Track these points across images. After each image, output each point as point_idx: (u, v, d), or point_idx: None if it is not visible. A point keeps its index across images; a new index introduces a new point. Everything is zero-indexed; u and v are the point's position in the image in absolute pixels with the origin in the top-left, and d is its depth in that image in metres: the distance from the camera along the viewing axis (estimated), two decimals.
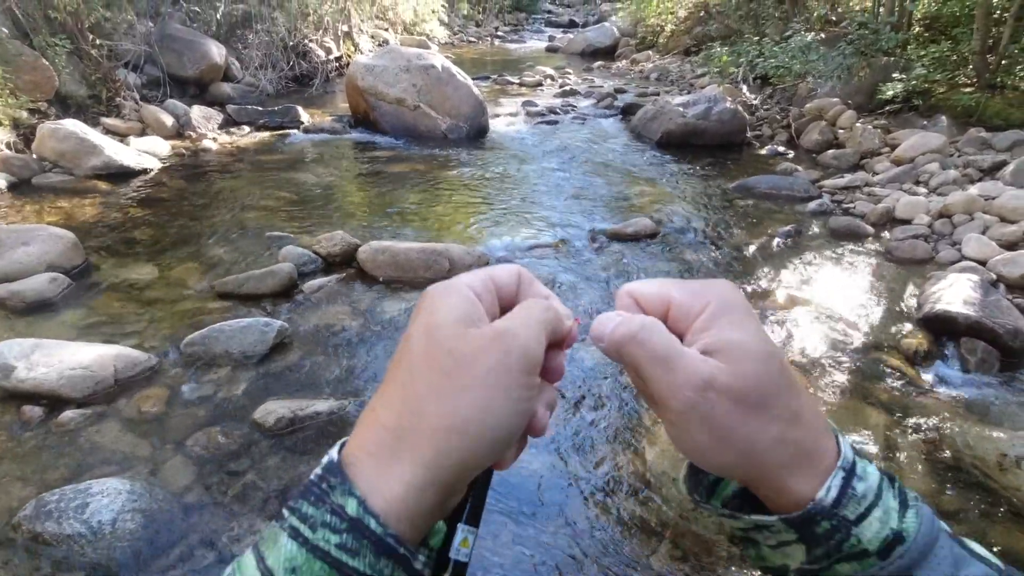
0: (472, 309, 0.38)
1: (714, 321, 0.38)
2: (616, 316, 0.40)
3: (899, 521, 0.36)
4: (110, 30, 7.12)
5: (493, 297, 0.41)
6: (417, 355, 0.37)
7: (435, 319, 0.37)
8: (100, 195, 5.12)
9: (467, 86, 7.41)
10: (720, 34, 11.67)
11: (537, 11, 26.38)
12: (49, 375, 2.69)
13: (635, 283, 0.43)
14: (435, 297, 0.39)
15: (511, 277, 0.43)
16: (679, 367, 0.36)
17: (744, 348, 0.37)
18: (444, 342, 0.36)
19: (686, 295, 0.40)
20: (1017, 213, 4.31)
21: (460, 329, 0.37)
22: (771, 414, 0.36)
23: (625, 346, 0.38)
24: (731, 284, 0.41)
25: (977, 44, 6.31)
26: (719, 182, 5.90)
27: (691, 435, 0.37)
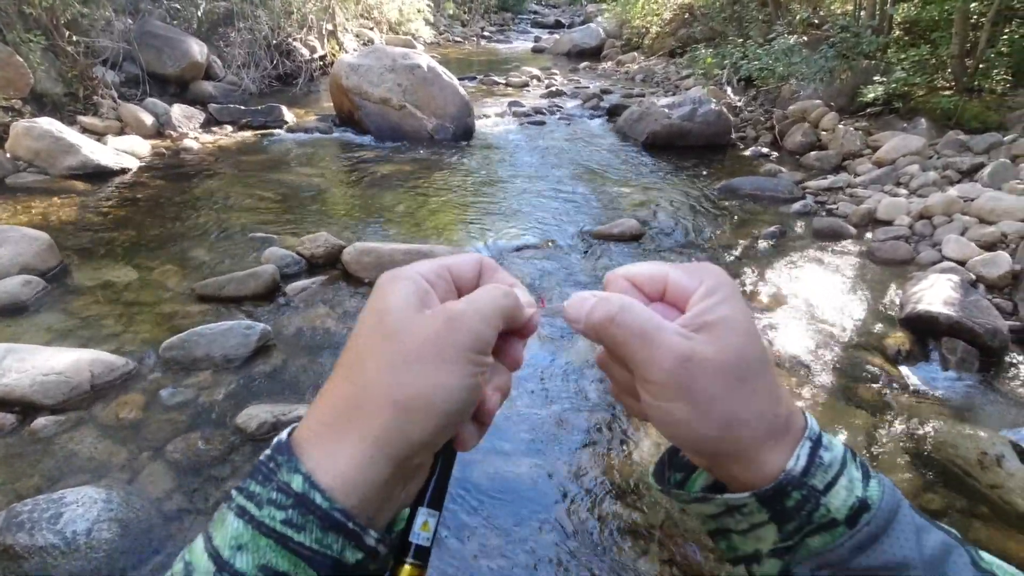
0: (423, 295, 0.39)
1: (708, 297, 0.39)
2: (591, 296, 0.41)
3: (864, 489, 0.37)
4: (87, 26, 6.97)
5: (449, 285, 0.41)
6: (366, 336, 0.38)
7: (385, 304, 0.38)
8: (77, 195, 5.01)
9: (453, 86, 7.37)
10: (704, 36, 11.75)
11: (523, 11, 26.39)
12: (21, 381, 2.61)
13: (629, 266, 0.44)
14: (386, 284, 0.39)
15: (470, 266, 0.43)
16: (659, 340, 0.37)
17: (731, 322, 0.38)
18: (393, 324, 0.37)
19: (683, 274, 0.42)
20: (995, 214, 4.38)
21: (410, 312, 0.37)
22: (753, 387, 0.37)
23: (605, 328, 0.39)
24: (718, 267, 0.42)
25: (955, 48, 6.42)
26: (704, 183, 5.93)
27: (671, 407, 0.38)
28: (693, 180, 6.05)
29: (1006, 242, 4.15)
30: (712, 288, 0.40)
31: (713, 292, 0.40)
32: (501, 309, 0.40)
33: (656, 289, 0.42)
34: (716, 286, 0.40)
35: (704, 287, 0.40)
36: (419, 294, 0.38)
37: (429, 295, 0.39)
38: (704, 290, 0.40)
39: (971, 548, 0.38)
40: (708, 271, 0.41)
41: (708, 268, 0.42)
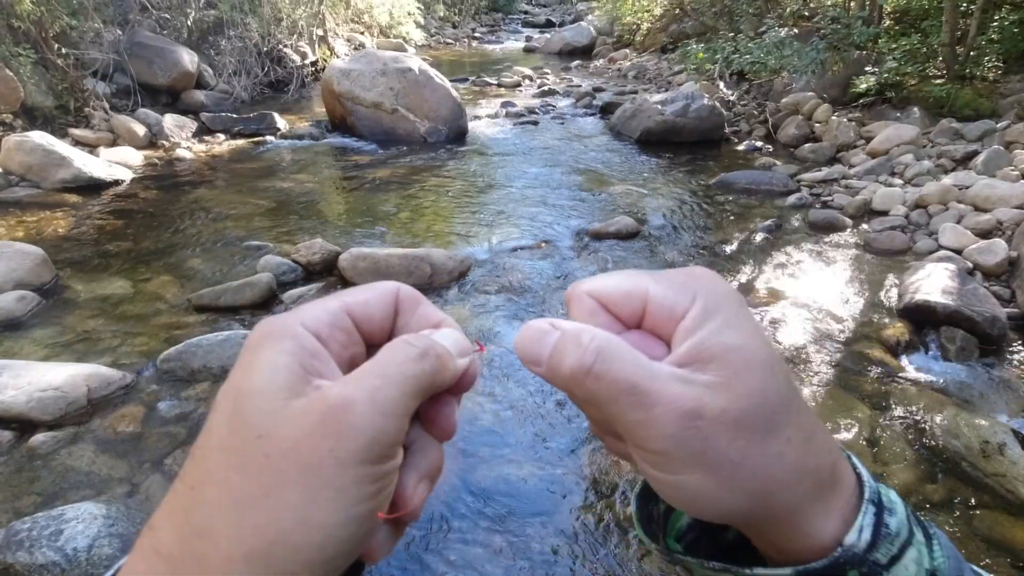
0: (307, 363, 0.29)
1: (704, 321, 0.29)
2: (550, 328, 0.31)
3: (931, 558, 0.30)
4: (76, 39, 6.95)
5: (351, 337, 0.32)
6: (215, 443, 0.27)
7: (245, 384, 0.28)
8: (70, 209, 4.99)
9: (445, 88, 7.36)
10: (696, 31, 11.75)
11: (513, 11, 26.38)
12: (18, 398, 2.60)
13: (595, 280, 0.33)
14: (254, 347, 0.29)
15: (382, 303, 0.33)
16: (656, 396, 0.28)
17: (743, 354, 0.29)
18: (254, 422, 0.27)
19: (667, 290, 0.31)
20: (990, 202, 4.38)
21: (279, 401, 0.27)
22: (783, 437, 0.29)
23: (579, 383, 0.29)
24: (715, 273, 0.32)
25: (946, 36, 6.43)
26: (699, 178, 5.93)
27: (683, 480, 0.29)
28: (688, 176, 6.05)
29: (1002, 229, 4.15)
30: (710, 307, 0.30)
31: (712, 312, 0.30)
32: (414, 381, 0.29)
33: (632, 310, 0.32)
34: (715, 303, 0.30)
35: (699, 305, 0.30)
36: (300, 363, 0.28)
37: (320, 359, 0.29)
38: (699, 310, 0.30)
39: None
40: (701, 282, 0.31)
41: (700, 277, 0.31)
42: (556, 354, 0.30)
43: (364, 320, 0.32)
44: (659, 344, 0.31)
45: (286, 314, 0.31)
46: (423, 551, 2.09)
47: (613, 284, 0.32)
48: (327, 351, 0.30)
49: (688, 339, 0.29)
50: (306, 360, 0.29)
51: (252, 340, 0.30)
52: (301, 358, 0.29)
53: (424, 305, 0.35)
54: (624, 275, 0.33)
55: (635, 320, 0.32)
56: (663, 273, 0.32)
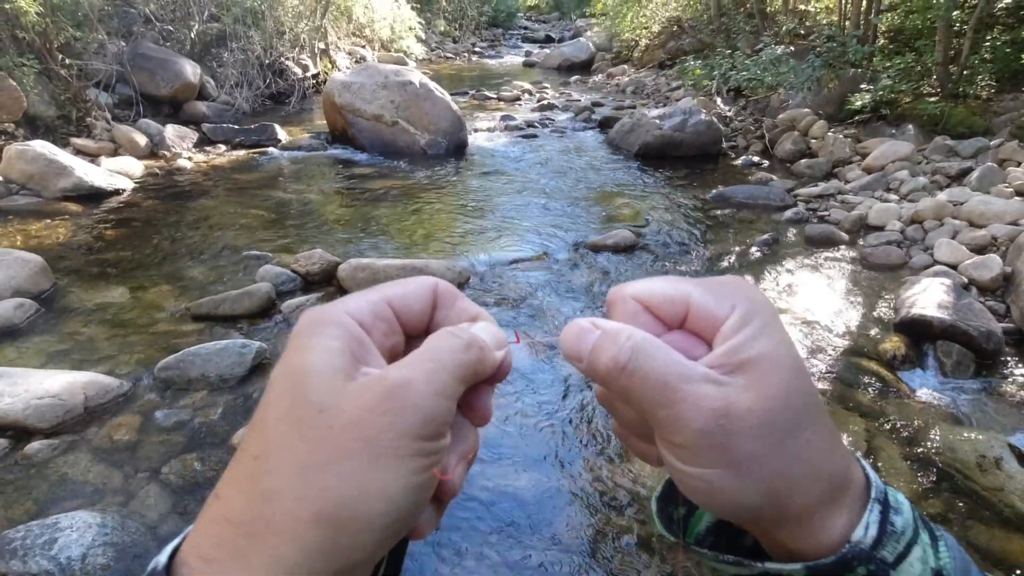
0: (356, 349, 0.30)
1: (741, 327, 0.32)
2: (591, 327, 0.33)
3: (936, 558, 0.31)
4: (80, 49, 7.02)
5: (392, 327, 0.33)
6: (276, 416, 0.29)
7: (302, 365, 0.29)
8: (70, 217, 5.00)
9: (445, 102, 7.43)
10: (693, 48, 11.90)
11: (513, 27, 26.70)
12: (14, 405, 2.59)
13: (639, 284, 0.34)
14: (306, 332, 0.31)
15: (421, 297, 0.34)
16: (686, 393, 0.30)
17: (772, 359, 0.31)
18: (315, 397, 0.28)
19: (709, 296, 0.33)
20: (984, 218, 4.43)
21: (336, 381, 0.29)
22: (802, 439, 0.30)
23: (614, 377, 0.31)
24: (752, 284, 0.34)
25: (939, 56, 6.53)
26: (696, 192, 5.97)
27: (704, 474, 0.30)
28: (685, 190, 6.09)
29: (996, 245, 4.19)
30: (747, 315, 0.32)
31: (748, 320, 0.32)
32: (462, 369, 0.31)
33: (674, 313, 0.33)
34: (752, 312, 0.32)
35: (737, 314, 0.32)
36: (350, 349, 0.30)
37: (364, 347, 0.31)
38: (737, 318, 0.32)
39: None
40: (740, 292, 0.33)
41: (740, 288, 0.33)
42: (595, 351, 0.32)
43: (404, 312, 0.34)
44: (700, 344, 0.33)
45: (331, 304, 0.32)
46: (427, 555, 2.08)
47: (658, 288, 0.34)
48: (370, 339, 0.32)
49: (724, 343, 0.32)
50: (354, 346, 0.30)
51: (302, 326, 0.31)
52: (349, 343, 0.30)
53: (461, 299, 0.36)
54: (668, 281, 0.35)
55: (677, 323, 0.34)
56: (704, 281, 0.34)
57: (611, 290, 0.35)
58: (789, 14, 10.46)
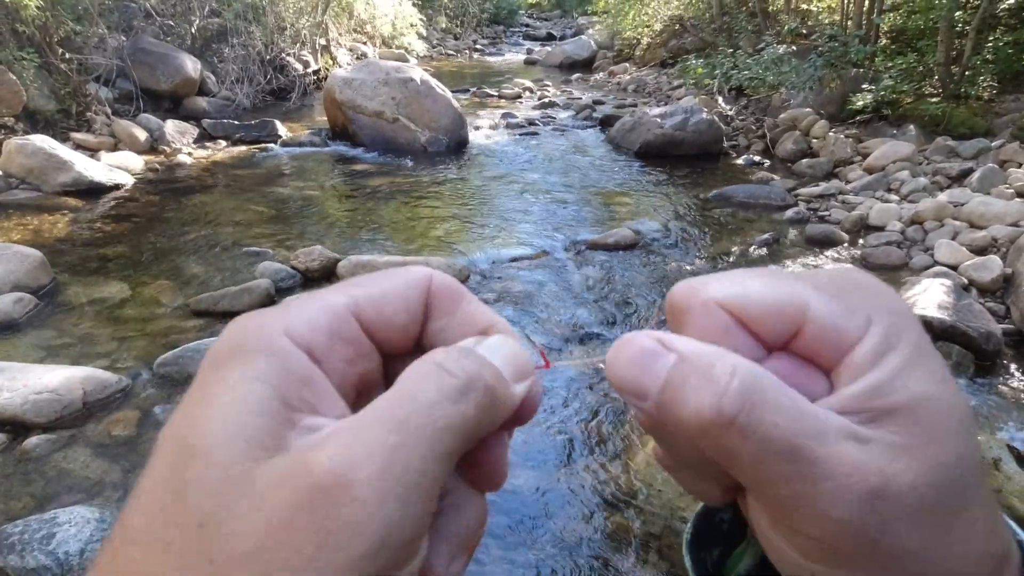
0: (289, 395, 0.20)
1: (884, 354, 0.22)
2: (662, 351, 0.23)
3: None
4: (80, 44, 7.00)
5: (359, 347, 0.23)
6: (139, 523, 0.19)
7: (196, 432, 0.19)
8: (70, 212, 4.99)
9: (446, 99, 7.42)
10: (695, 47, 11.88)
11: (515, 24, 26.65)
12: (12, 400, 2.59)
13: (726, 283, 0.24)
14: (216, 365, 0.21)
15: (407, 300, 0.24)
16: (824, 469, 0.20)
17: (937, 407, 0.22)
18: (197, 501, 0.18)
19: (835, 307, 0.23)
20: (985, 219, 4.42)
21: (239, 468, 0.18)
22: (970, 518, 0.22)
23: (712, 438, 0.21)
24: (889, 287, 0.24)
25: (941, 56, 6.52)
26: (697, 191, 5.97)
27: (845, 574, 0.22)
28: (686, 189, 6.09)
29: (996, 246, 4.19)
30: (891, 334, 0.22)
31: (893, 342, 0.22)
32: (449, 435, 0.20)
33: (782, 329, 0.23)
34: (896, 329, 0.23)
35: (877, 333, 0.22)
36: (275, 401, 0.20)
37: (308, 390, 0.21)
38: (878, 339, 0.22)
39: None
40: (876, 299, 0.23)
41: (875, 292, 0.24)
42: (673, 389, 0.22)
43: (380, 323, 0.23)
44: (816, 375, 0.23)
45: (267, 314, 0.22)
46: None
47: (759, 293, 0.24)
48: (323, 372, 0.22)
49: (862, 378, 0.22)
50: (290, 390, 0.20)
51: (215, 355, 0.21)
52: (282, 388, 0.20)
53: (467, 302, 0.25)
54: (770, 279, 0.24)
55: (781, 341, 0.23)
56: (822, 278, 0.24)
57: (680, 289, 0.25)
58: (791, 13, 10.44)
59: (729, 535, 0.31)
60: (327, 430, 0.20)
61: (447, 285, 0.25)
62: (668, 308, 0.25)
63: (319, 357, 0.22)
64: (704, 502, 0.28)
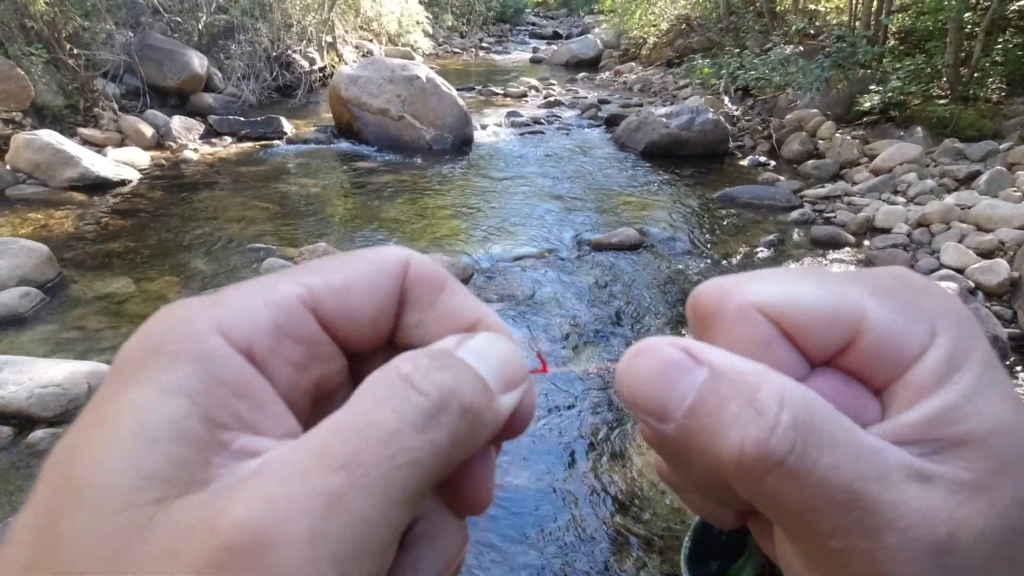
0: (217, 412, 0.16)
1: (951, 374, 0.19)
2: (690, 363, 0.19)
3: None
4: (88, 40, 7.03)
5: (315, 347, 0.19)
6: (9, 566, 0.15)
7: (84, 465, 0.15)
8: (76, 207, 5.02)
9: (452, 97, 7.42)
10: (701, 46, 11.85)
11: (521, 23, 26.62)
12: (18, 393, 2.60)
13: (767, 284, 0.21)
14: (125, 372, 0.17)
15: (376, 287, 0.20)
16: (886, 519, 0.17)
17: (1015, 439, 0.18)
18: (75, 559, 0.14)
19: (895, 314, 0.19)
20: (992, 222, 4.39)
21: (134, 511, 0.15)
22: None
23: (752, 481, 0.17)
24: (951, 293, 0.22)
25: (950, 57, 6.48)
26: (702, 192, 5.95)
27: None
28: (691, 189, 6.07)
29: (1004, 249, 4.16)
30: (959, 351, 0.19)
31: (960, 359, 0.19)
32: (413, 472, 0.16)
33: (833, 340, 0.20)
34: (964, 346, 0.19)
35: (943, 347, 0.19)
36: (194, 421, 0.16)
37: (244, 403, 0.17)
38: (944, 355, 0.19)
39: None
40: (938, 305, 0.20)
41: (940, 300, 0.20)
42: (705, 414, 0.18)
43: (343, 318, 0.20)
44: (867, 396, 0.20)
45: (195, 305, 0.18)
46: None
47: (809, 297, 0.20)
48: (267, 379, 0.18)
49: (926, 401, 0.19)
50: (219, 405, 0.16)
51: (123, 360, 0.17)
52: (208, 402, 0.16)
53: (451, 291, 0.21)
54: (820, 280, 0.20)
55: (830, 353, 0.20)
56: (878, 281, 0.20)
57: (709, 289, 0.21)
58: (799, 13, 10.39)
59: (728, 547, 0.29)
60: (257, 461, 0.16)
61: (427, 271, 0.21)
62: (692, 311, 0.21)
63: (261, 361, 0.18)
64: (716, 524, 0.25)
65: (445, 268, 0.22)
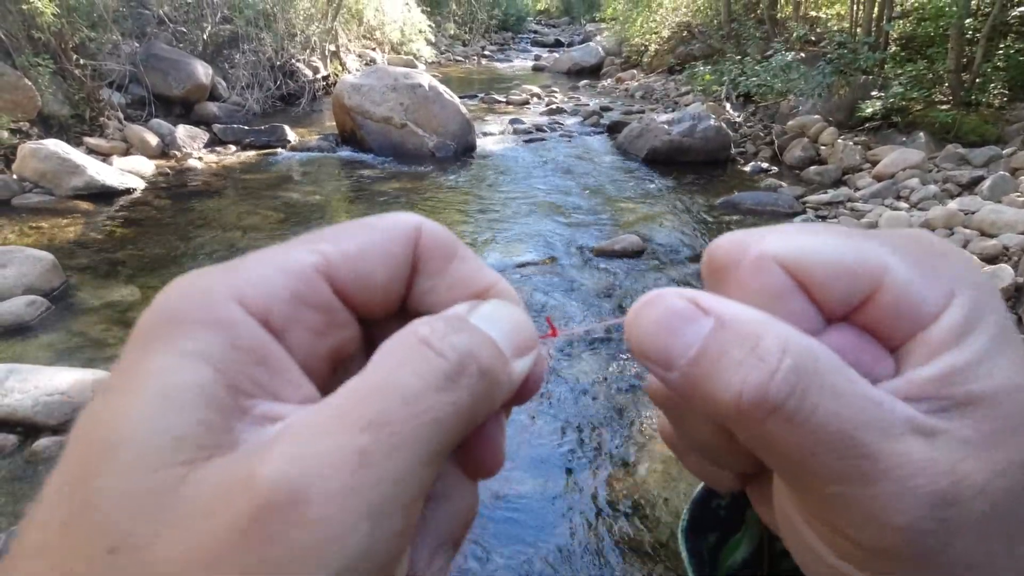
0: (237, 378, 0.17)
1: (966, 334, 0.19)
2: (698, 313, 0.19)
3: None
4: (94, 50, 7.10)
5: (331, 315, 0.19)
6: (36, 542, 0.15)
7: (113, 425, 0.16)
8: (82, 216, 5.05)
9: (454, 104, 7.46)
10: (703, 53, 11.89)
11: (523, 31, 26.77)
12: (24, 401, 2.61)
13: (787, 236, 0.21)
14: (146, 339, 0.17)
15: (389, 254, 0.20)
16: (885, 467, 0.17)
17: (1021, 405, 0.18)
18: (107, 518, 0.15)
19: (915, 272, 0.20)
20: (996, 227, 4.38)
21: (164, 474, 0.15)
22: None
23: (752, 424, 0.18)
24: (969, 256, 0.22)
25: (952, 63, 6.49)
26: (704, 198, 5.96)
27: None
28: (694, 195, 6.08)
29: (1008, 255, 4.15)
30: (975, 313, 0.19)
31: (976, 321, 0.19)
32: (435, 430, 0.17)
33: (852, 294, 0.20)
34: (980, 308, 0.19)
35: (960, 308, 0.19)
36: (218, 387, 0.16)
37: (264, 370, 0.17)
38: (961, 316, 0.19)
39: None
40: (961, 270, 0.20)
41: (960, 262, 0.20)
42: (708, 361, 0.18)
43: (356, 285, 0.20)
44: (881, 354, 0.20)
45: (212, 274, 0.19)
46: None
47: (831, 250, 0.20)
48: (284, 347, 0.18)
49: (939, 359, 0.19)
50: (240, 371, 0.17)
51: (143, 328, 0.18)
52: (229, 369, 0.16)
53: (461, 258, 0.22)
54: (841, 235, 0.20)
55: (846, 310, 0.20)
56: (900, 239, 0.21)
57: (726, 241, 0.21)
58: (800, 20, 10.43)
59: (726, 521, 0.29)
60: (280, 424, 0.16)
61: (439, 237, 0.21)
62: (707, 264, 0.22)
63: (279, 328, 0.18)
64: (712, 487, 0.25)
65: (455, 236, 0.22)
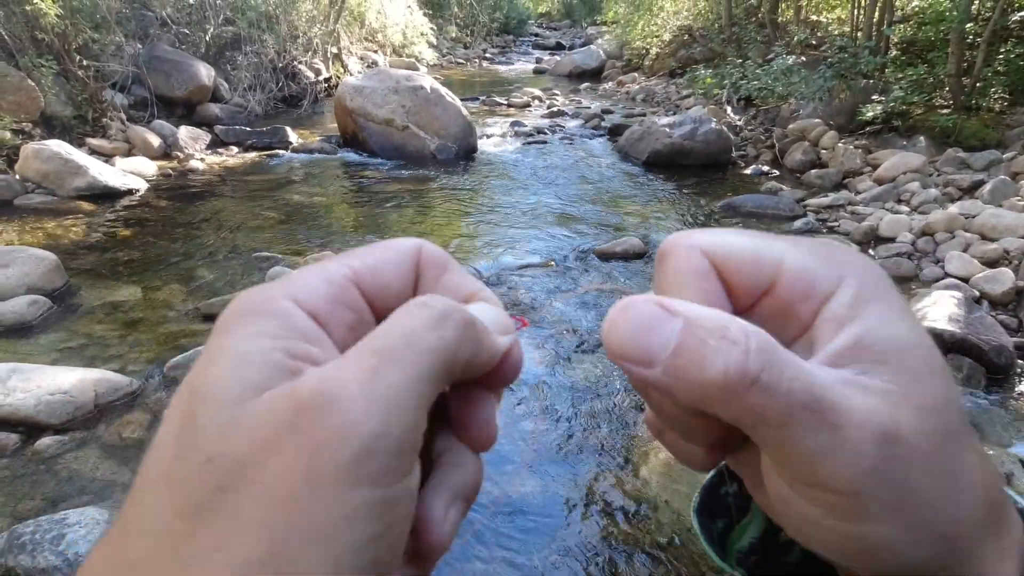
0: (295, 348, 0.21)
1: (862, 307, 0.23)
2: (667, 315, 0.22)
3: None
4: (97, 51, 7.12)
5: (360, 314, 0.24)
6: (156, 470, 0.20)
7: (204, 381, 0.21)
8: (84, 216, 5.06)
9: (456, 107, 7.48)
10: (704, 57, 11.92)
11: (524, 34, 26.83)
12: (26, 401, 2.62)
13: (709, 234, 0.25)
14: (223, 328, 0.22)
15: (399, 269, 0.26)
16: (842, 415, 0.20)
17: (921, 354, 0.22)
18: (204, 437, 0.19)
19: (809, 260, 0.24)
20: (996, 231, 4.39)
21: (240, 406, 0.20)
22: (967, 462, 0.22)
23: (733, 400, 0.21)
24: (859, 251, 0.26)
25: (952, 67, 6.50)
26: (705, 201, 5.97)
27: (866, 531, 0.21)
28: (695, 198, 6.09)
29: (1008, 259, 4.16)
30: (866, 290, 0.23)
31: (868, 295, 0.23)
32: (429, 357, 0.21)
33: (756, 282, 0.24)
34: (871, 286, 0.23)
35: (851, 287, 0.23)
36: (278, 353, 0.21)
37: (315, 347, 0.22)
38: (852, 293, 0.23)
39: None
40: (847, 257, 0.24)
41: (850, 254, 0.24)
42: (689, 353, 0.21)
43: (377, 291, 0.25)
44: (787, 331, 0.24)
45: (271, 284, 0.23)
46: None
47: (740, 243, 0.24)
48: (328, 335, 0.23)
49: (842, 330, 0.22)
50: (294, 344, 0.21)
51: (222, 321, 0.22)
52: (286, 342, 0.21)
53: (452, 271, 0.27)
54: (750, 235, 0.25)
55: (752, 297, 0.24)
56: (795, 239, 0.25)
57: (670, 237, 0.25)
58: (801, 24, 10.45)
59: (734, 508, 0.31)
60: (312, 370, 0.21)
61: (435, 255, 0.27)
62: (657, 255, 0.26)
63: (323, 321, 0.23)
64: (687, 466, 0.29)
65: (448, 253, 0.28)
